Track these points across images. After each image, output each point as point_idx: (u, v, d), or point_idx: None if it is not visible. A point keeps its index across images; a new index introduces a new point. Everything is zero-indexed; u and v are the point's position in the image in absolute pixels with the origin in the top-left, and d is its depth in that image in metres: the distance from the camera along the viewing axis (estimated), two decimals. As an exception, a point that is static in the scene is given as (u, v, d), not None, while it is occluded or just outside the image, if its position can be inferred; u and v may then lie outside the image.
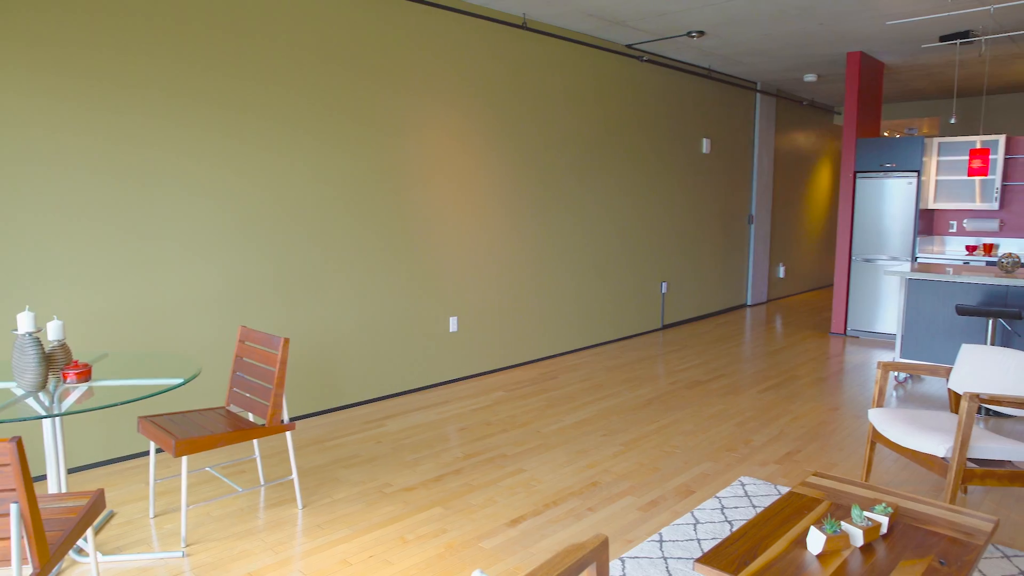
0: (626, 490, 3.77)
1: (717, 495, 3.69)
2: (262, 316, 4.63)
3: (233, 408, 3.60)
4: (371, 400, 5.31)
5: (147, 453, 4.24)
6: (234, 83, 4.36)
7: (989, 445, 3.18)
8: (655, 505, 3.59)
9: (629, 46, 7.24)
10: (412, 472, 3.99)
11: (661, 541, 3.20)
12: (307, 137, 4.75)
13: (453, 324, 5.79)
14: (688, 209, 8.46)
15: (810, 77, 8.95)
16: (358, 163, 5.04)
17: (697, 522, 3.39)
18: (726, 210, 9.18)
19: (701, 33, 6.72)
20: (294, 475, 3.51)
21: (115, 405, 3.04)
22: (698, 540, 3.21)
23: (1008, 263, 5.68)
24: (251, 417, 3.67)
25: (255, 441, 3.81)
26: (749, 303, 9.83)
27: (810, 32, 6.76)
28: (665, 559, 3.04)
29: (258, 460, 3.78)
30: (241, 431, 3.23)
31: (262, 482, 3.83)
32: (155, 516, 3.43)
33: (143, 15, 3.96)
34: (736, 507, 3.55)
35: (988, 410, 5.11)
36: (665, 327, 8.23)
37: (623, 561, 3.02)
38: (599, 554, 1.55)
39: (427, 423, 4.84)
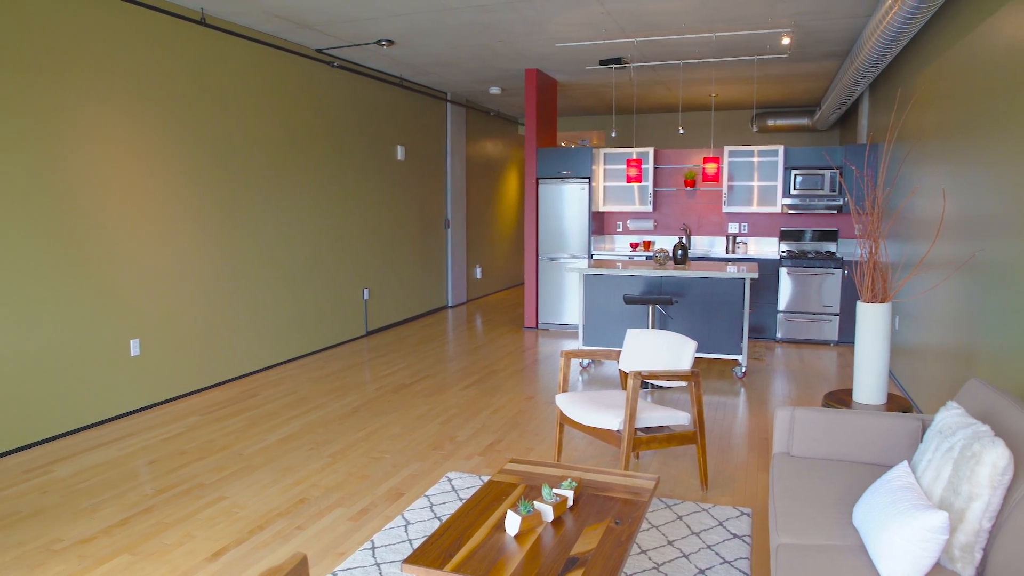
0: (336, 502, 3.70)
1: (426, 494, 3.78)
2: None
3: None
4: (33, 444, 4.55)
5: None
6: None
7: (652, 415, 3.67)
8: (366, 513, 3.57)
9: (320, 51, 7.12)
10: (90, 520, 3.50)
11: (373, 548, 3.19)
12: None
13: (135, 347, 5.20)
14: (386, 215, 8.56)
15: (495, 90, 9.59)
16: (-1, 167, 4.28)
17: (408, 523, 3.44)
18: (424, 215, 9.47)
19: (391, 42, 6.84)
20: (-76, 547, 2.87)
21: None
22: (410, 541, 3.26)
23: (661, 257, 6.62)
24: None
25: None
26: (450, 304, 10.24)
27: (492, 48, 7.24)
28: (378, 565, 3.03)
29: None
30: None
31: None
32: None
33: None
34: (444, 503, 3.67)
35: (653, 384, 5.91)
36: (370, 333, 8.24)
37: (335, 575, 2.95)
38: (298, 573, 1.49)
39: (108, 461, 4.28)
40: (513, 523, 2.32)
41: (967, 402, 2.68)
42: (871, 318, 3.89)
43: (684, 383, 3.80)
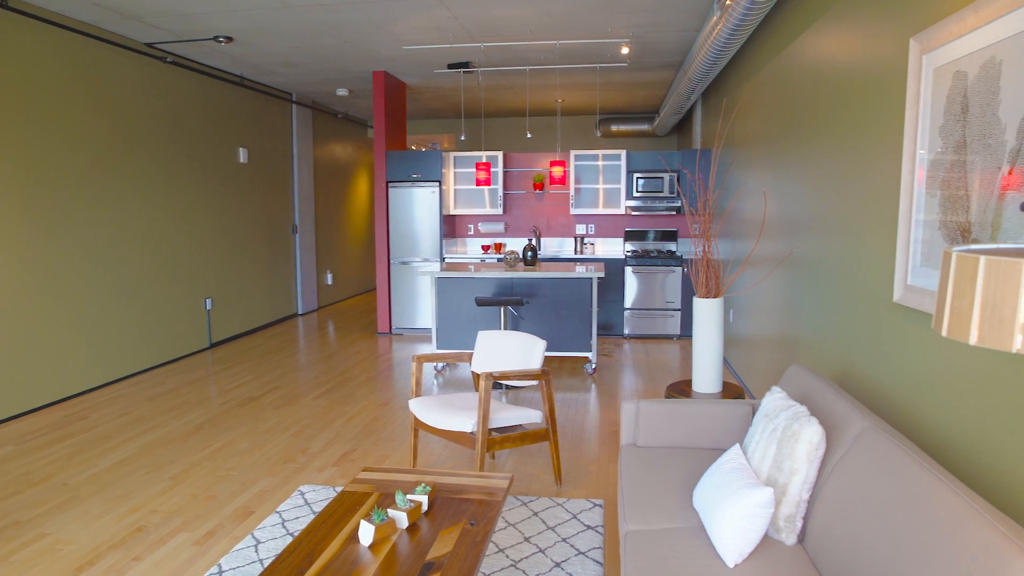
0: (178, 527, 3.46)
1: (277, 510, 3.62)
2: None
3: None
4: None
5: None
6: None
7: (505, 415, 3.72)
8: (212, 535, 3.37)
9: (150, 45, 6.65)
10: None
11: (221, 572, 3.01)
12: None
13: (-67, 371, 4.62)
14: (228, 220, 8.14)
15: (342, 91, 9.38)
16: None
17: (258, 542, 3.28)
18: (270, 220, 9.09)
19: (229, 39, 6.51)
20: None
21: None
22: (260, 561, 3.11)
23: (511, 259, 6.74)
24: None
25: None
26: (300, 312, 9.90)
27: (337, 48, 7.07)
28: (225, 590, 2.87)
29: None
30: None
31: None
32: None
33: None
34: (297, 518, 3.53)
35: (508, 385, 6.00)
36: (214, 345, 7.80)
37: (177, 606, 2.76)
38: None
39: (-100, 502, 3.77)
40: (367, 533, 2.27)
41: (789, 386, 2.93)
42: (706, 312, 4.15)
43: (537, 382, 3.88)
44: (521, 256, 8.12)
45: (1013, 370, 1.92)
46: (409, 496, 2.52)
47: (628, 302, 8.24)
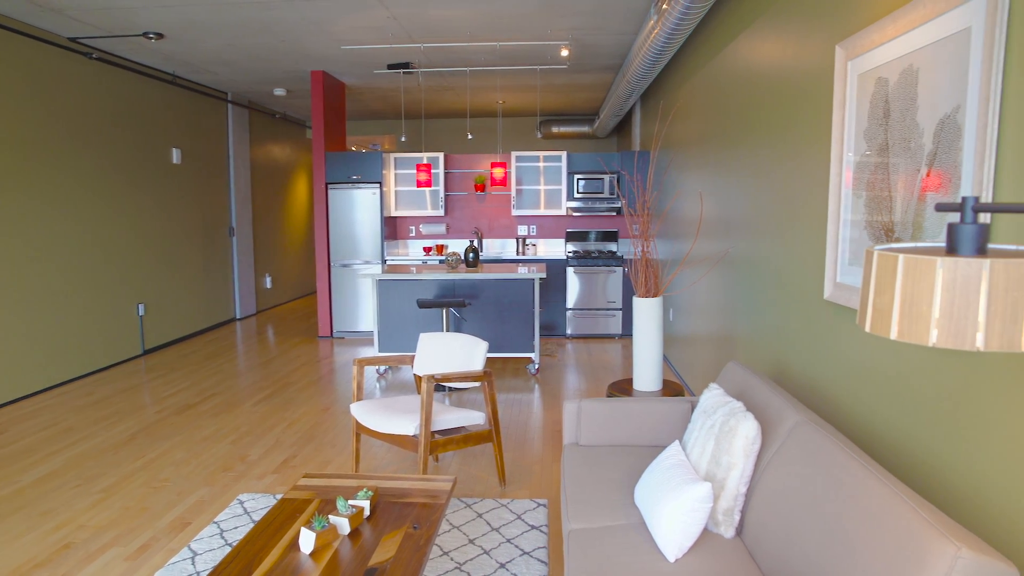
0: (109, 542, 3.34)
1: (215, 520, 3.53)
2: None
3: None
4: None
5: None
6: None
7: (447, 416, 3.71)
8: (146, 549, 3.26)
9: (73, 40, 6.40)
10: None
11: (154, 586, 2.92)
12: None
13: None
14: (162, 223, 7.89)
15: (280, 91, 9.20)
16: None
17: (195, 554, 3.19)
18: (206, 223, 8.85)
19: (160, 35, 6.32)
20: None
21: None
22: (198, 573, 3.03)
23: (453, 261, 6.72)
24: None
25: None
26: (239, 316, 9.67)
27: (273, 47, 6.93)
28: (159, 605, 2.78)
29: None
30: None
31: None
32: None
33: None
34: (236, 528, 3.45)
35: (451, 387, 5.98)
36: (147, 352, 7.55)
37: (108, 623, 2.66)
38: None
39: None
40: (307, 540, 2.24)
41: (726, 383, 3.00)
42: (645, 311, 4.22)
43: (480, 383, 3.88)
44: (463, 257, 8.11)
45: (931, 363, 2.01)
46: (351, 501, 2.49)
47: (570, 302, 8.31)
